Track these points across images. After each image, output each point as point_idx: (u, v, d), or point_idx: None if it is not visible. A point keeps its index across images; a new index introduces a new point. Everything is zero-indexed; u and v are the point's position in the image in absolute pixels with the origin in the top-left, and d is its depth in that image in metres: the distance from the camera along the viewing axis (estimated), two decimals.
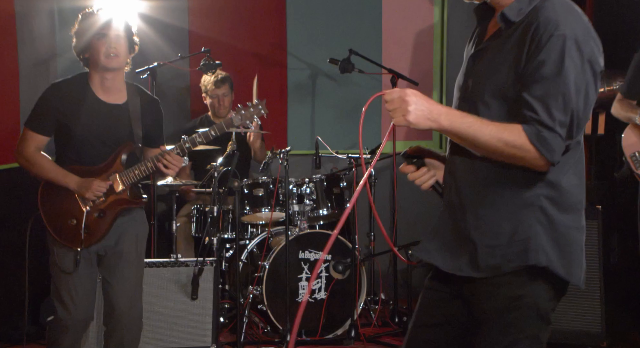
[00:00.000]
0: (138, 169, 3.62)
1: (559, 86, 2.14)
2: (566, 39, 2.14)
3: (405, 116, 2.20)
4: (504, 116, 2.25)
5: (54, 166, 3.60)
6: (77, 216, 3.58)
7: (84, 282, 3.63)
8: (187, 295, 4.48)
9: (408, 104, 2.19)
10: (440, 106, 2.23)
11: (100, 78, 3.63)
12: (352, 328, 5.00)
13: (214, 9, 6.20)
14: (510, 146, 2.15)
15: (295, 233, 5.07)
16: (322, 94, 6.35)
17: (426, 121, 2.21)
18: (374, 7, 6.30)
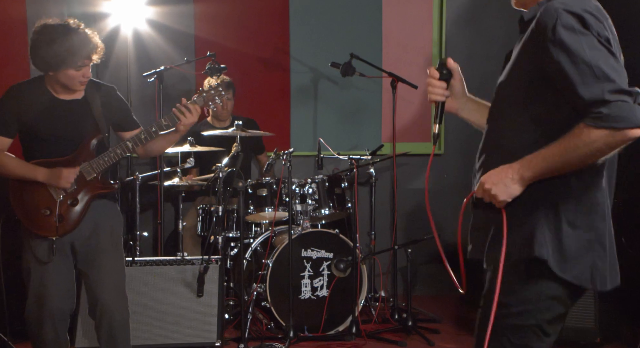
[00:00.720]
0: (107, 156, 3.61)
1: (585, 69, 2.10)
2: (570, 24, 2.14)
3: (497, 199, 2.24)
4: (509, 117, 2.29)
5: (20, 162, 3.57)
6: (50, 207, 3.56)
7: (59, 274, 3.61)
8: (193, 292, 4.48)
9: (490, 191, 2.24)
10: (511, 164, 2.22)
11: (59, 82, 3.59)
12: (353, 325, 5.02)
13: (220, 15, 6.20)
14: (589, 145, 2.10)
15: (298, 232, 5.08)
16: (324, 97, 6.36)
17: (514, 187, 2.22)
18: (375, 13, 6.30)
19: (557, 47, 2.14)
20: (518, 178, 2.20)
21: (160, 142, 3.77)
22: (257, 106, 6.20)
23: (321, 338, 5.00)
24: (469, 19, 6.28)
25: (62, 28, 3.50)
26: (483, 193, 2.26)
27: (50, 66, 3.50)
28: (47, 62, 3.48)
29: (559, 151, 2.14)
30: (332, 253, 5.14)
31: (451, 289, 2.73)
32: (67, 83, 3.57)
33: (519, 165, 2.21)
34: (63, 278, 3.65)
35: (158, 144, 3.79)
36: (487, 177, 2.25)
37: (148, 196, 6.09)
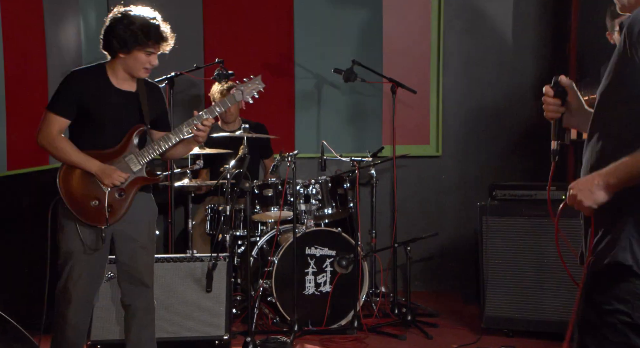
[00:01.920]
0: (152, 149, 3.65)
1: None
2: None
3: (583, 205, 2.21)
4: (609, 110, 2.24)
5: (75, 149, 3.57)
6: (99, 197, 3.56)
7: (95, 261, 3.64)
8: (202, 288, 4.48)
9: (576, 196, 2.21)
10: (597, 173, 2.19)
11: (119, 71, 3.63)
12: (355, 319, 5.02)
13: (227, 23, 6.20)
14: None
15: (302, 231, 5.08)
16: (327, 101, 6.35)
17: (599, 193, 2.18)
18: (375, 21, 6.30)
19: (635, 49, 2.12)
20: (603, 185, 2.17)
21: (181, 148, 3.84)
22: (264, 110, 6.19)
23: (324, 332, 5.00)
24: (466, 27, 6.28)
25: (141, 12, 3.58)
26: (569, 199, 2.24)
27: (124, 45, 3.52)
28: (122, 40, 3.51)
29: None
30: (334, 251, 5.14)
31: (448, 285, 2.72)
32: (133, 67, 3.59)
33: (605, 172, 2.17)
34: (97, 266, 3.68)
35: (179, 150, 3.85)
36: (575, 184, 2.23)
37: (159, 197, 6.10)
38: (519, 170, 6.25)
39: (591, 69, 5.31)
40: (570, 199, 2.26)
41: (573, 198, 2.23)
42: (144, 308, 3.78)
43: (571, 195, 2.24)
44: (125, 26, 3.52)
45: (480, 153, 6.28)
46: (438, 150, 6.37)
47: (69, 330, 3.66)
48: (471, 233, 5.69)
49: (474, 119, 6.27)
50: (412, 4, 6.34)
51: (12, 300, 4.10)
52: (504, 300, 4.85)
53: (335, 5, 6.30)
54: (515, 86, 6.22)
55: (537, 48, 6.28)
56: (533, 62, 6.28)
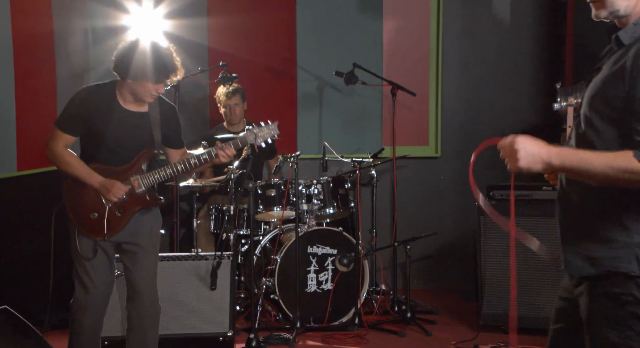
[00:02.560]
0: (157, 173, 3.66)
1: None
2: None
3: (516, 162, 2.16)
4: (608, 133, 2.19)
5: (80, 163, 3.59)
6: (98, 211, 3.59)
7: (103, 267, 3.66)
8: (207, 286, 4.49)
9: (517, 151, 2.15)
10: (550, 147, 2.15)
11: (127, 93, 3.62)
12: (356, 316, 5.03)
13: (231, 28, 6.21)
14: (625, 172, 2.08)
15: (304, 230, 5.08)
16: (328, 103, 6.36)
17: (537, 164, 2.15)
18: (376, 25, 6.30)
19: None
20: (546, 160, 2.14)
21: (194, 169, 3.84)
22: (267, 112, 6.20)
23: (326, 329, 5.01)
24: (464, 31, 6.28)
25: (155, 45, 3.56)
26: (509, 148, 2.18)
27: (132, 74, 3.52)
28: (131, 69, 3.50)
29: (599, 163, 2.10)
30: (336, 250, 5.15)
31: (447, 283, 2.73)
32: (140, 94, 3.58)
33: (557, 151, 2.14)
34: (106, 271, 3.71)
35: (191, 170, 3.84)
36: (527, 141, 2.16)
37: (165, 196, 6.11)
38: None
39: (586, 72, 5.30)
40: (508, 147, 2.20)
41: (511, 149, 2.18)
42: (141, 316, 3.77)
43: (513, 146, 2.18)
44: (138, 57, 3.50)
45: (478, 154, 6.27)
46: (437, 151, 6.38)
47: (85, 335, 3.71)
48: (469, 233, 5.70)
49: (472, 121, 6.27)
50: (412, 8, 6.34)
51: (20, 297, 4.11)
52: (501, 298, 4.86)
53: (337, 10, 6.31)
54: (513, 89, 6.22)
55: (534, 51, 6.28)
56: (530, 65, 6.28)
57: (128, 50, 3.54)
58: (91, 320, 3.70)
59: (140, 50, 3.52)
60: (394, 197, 5.88)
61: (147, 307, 3.77)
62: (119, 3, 5.83)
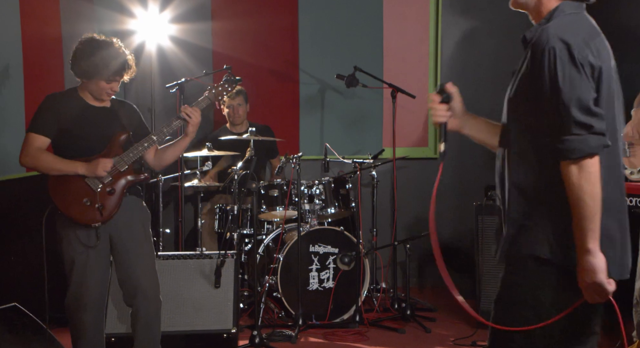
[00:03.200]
0: (136, 149, 3.67)
1: (559, 101, 2.11)
2: (554, 49, 2.11)
3: (604, 287, 2.12)
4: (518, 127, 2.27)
5: (58, 158, 3.59)
6: (90, 197, 3.59)
7: (98, 263, 3.66)
8: (211, 284, 4.49)
9: (599, 283, 2.11)
10: (579, 257, 2.11)
11: (88, 92, 3.67)
12: (357, 313, 5.05)
13: (235, 31, 6.23)
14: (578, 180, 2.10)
15: (306, 229, 5.09)
16: (330, 106, 6.38)
17: (595, 261, 2.09)
18: (376, 29, 6.32)
19: (540, 70, 2.14)
20: (589, 253, 2.10)
21: (172, 150, 3.84)
22: (270, 114, 6.23)
23: (327, 326, 5.02)
24: (463, 35, 6.29)
25: (104, 43, 3.60)
26: (591, 294, 2.14)
27: (85, 74, 3.58)
28: (84, 70, 3.57)
29: (575, 207, 2.11)
30: (337, 248, 5.15)
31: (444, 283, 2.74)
32: (96, 92, 3.64)
33: (581, 255, 2.11)
34: (102, 267, 3.70)
35: (170, 152, 3.84)
36: (579, 282, 2.14)
37: (170, 197, 6.14)
38: None
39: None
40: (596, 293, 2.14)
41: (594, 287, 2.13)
42: (146, 308, 3.77)
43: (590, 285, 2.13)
44: (87, 57, 3.54)
45: (476, 155, 6.27)
46: (436, 152, 6.38)
47: (89, 332, 3.70)
48: (467, 232, 5.71)
49: None
50: (411, 13, 6.36)
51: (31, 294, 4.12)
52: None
53: (338, 14, 6.32)
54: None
55: None
56: None
57: (79, 51, 3.58)
58: (91, 317, 3.68)
59: (93, 49, 3.55)
60: (393, 197, 5.89)
61: (150, 300, 3.77)
62: (125, 8, 5.86)
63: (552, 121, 2.14)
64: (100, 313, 3.78)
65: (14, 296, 3.92)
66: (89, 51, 3.56)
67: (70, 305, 3.68)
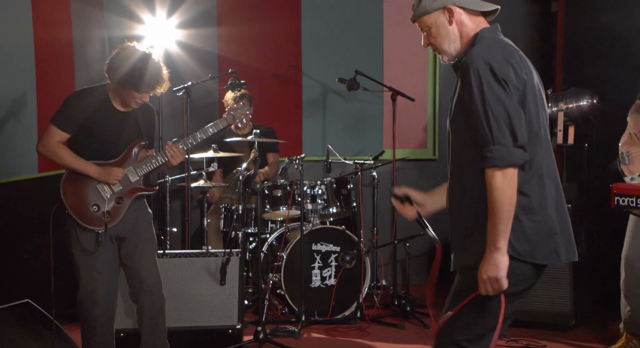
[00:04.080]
0: (149, 161, 3.68)
1: (482, 117, 2.29)
2: (478, 70, 2.29)
3: (501, 282, 2.32)
4: (463, 145, 2.42)
5: (74, 156, 3.60)
6: (98, 203, 3.60)
7: (107, 260, 3.68)
8: (217, 281, 4.49)
9: (497, 275, 2.31)
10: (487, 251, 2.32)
11: (115, 95, 3.66)
12: (358, 310, 5.05)
13: (240, 37, 6.24)
14: (500, 187, 2.28)
15: (309, 228, 5.11)
16: (332, 108, 6.38)
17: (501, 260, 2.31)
18: (377, 34, 6.32)
19: (468, 89, 2.32)
20: (499, 251, 2.30)
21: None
22: (273, 116, 6.24)
23: (329, 322, 5.03)
24: None
25: (143, 56, 3.56)
26: (487, 286, 2.34)
27: (120, 82, 3.55)
28: (119, 78, 3.53)
29: (492, 210, 2.29)
30: (339, 247, 5.17)
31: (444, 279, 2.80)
32: (125, 99, 3.62)
33: (490, 250, 2.31)
34: (110, 263, 3.72)
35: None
36: (480, 273, 2.34)
37: (177, 197, 6.16)
38: None
39: (575, 80, 5.34)
40: (488, 287, 2.35)
41: (489, 283, 2.35)
42: (151, 303, 3.80)
43: (485, 280, 2.34)
44: (125, 66, 3.52)
45: None
46: (435, 154, 6.39)
47: (101, 328, 3.72)
48: None
49: None
50: None
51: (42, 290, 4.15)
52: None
53: (340, 20, 6.32)
54: None
55: None
56: None
57: (121, 58, 3.56)
58: (103, 310, 3.70)
59: (132, 60, 3.53)
60: None
61: (154, 293, 3.80)
62: (134, 14, 5.88)
63: (481, 133, 2.29)
64: (111, 309, 3.79)
65: (26, 292, 3.96)
66: (128, 61, 3.53)
67: (82, 301, 3.69)
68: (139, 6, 5.89)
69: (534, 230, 2.37)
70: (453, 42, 2.51)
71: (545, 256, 2.40)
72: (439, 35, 2.53)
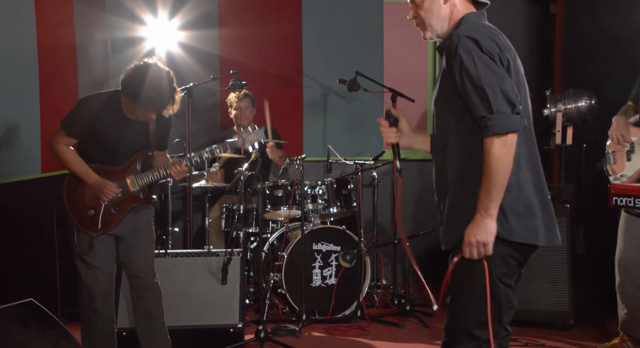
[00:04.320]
0: (151, 174, 3.69)
1: (477, 87, 2.33)
2: (467, 45, 2.35)
3: (488, 246, 2.39)
4: (454, 122, 2.46)
5: (78, 161, 3.63)
6: (95, 208, 3.64)
7: (106, 257, 3.72)
8: (218, 281, 4.50)
9: (484, 242, 2.37)
10: (477, 215, 2.37)
11: (129, 107, 3.62)
12: (358, 309, 5.05)
13: (241, 38, 6.24)
14: (499, 154, 2.32)
15: (309, 228, 5.11)
16: (332, 109, 6.39)
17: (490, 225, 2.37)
18: (377, 36, 6.33)
19: (458, 66, 2.35)
20: (490, 217, 2.35)
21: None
22: (274, 117, 6.24)
23: (330, 321, 5.04)
24: None
25: (161, 78, 3.50)
26: (473, 249, 2.39)
27: (132, 96, 3.50)
28: (133, 92, 3.49)
29: (488, 177, 2.33)
30: (339, 246, 5.17)
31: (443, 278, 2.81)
32: (138, 113, 3.59)
33: (482, 211, 2.36)
34: (108, 261, 3.75)
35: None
36: (474, 231, 2.38)
37: (178, 196, 6.17)
38: None
39: (574, 81, 5.34)
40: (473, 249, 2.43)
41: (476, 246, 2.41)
42: (147, 297, 3.83)
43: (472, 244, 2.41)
44: (140, 83, 3.46)
45: None
46: None
47: (99, 323, 3.75)
48: None
49: None
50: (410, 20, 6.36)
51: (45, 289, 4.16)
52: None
53: (340, 21, 6.33)
54: None
55: (524, 60, 6.20)
56: None
57: (137, 74, 3.49)
58: (101, 307, 3.73)
59: (147, 78, 3.46)
60: (393, 197, 5.90)
61: (148, 289, 3.81)
62: (136, 15, 5.89)
63: (478, 105, 2.33)
64: (110, 306, 3.82)
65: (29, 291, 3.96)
66: (143, 79, 3.47)
67: (81, 297, 3.74)
68: (141, 8, 5.90)
69: (510, 207, 2.41)
70: (441, 20, 2.56)
71: (523, 235, 2.44)
72: (430, 9, 2.57)
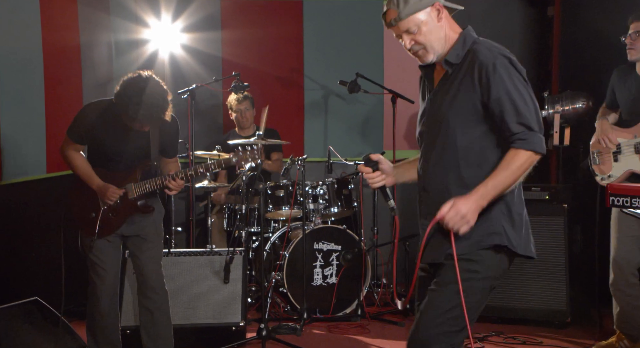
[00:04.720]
0: (150, 183, 3.69)
1: (518, 104, 2.36)
2: (505, 67, 2.37)
3: (469, 224, 2.37)
4: (463, 131, 2.44)
5: (85, 166, 3.70)
6: (96, 211, 3.69)
7: (111, 256, 3.76)
8: (220, 279, 4.51)
9: (466, 215, 2.35)
10: (474, 195, 2.37)
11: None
12: (359, 307, 5.06)
13: (243, 40, 6.25)
14: (523, 166, 2.35)
15: (310, 228, 5.11)
16: (333, 110, 6.39)
17: (477, 213, 2.37)
18: (377, 38, 6.33)
19: (497, 82, 2.35)
20: (480, 204, 2.37)
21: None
22: (276, 118, 6.24)
23: (331, 319, 5.04)
24: None
25: (152, 93, 3.45)
26: (459, 218, 2.36)
27: (123, 109, 3.47)
28: (122, 107, 3.46)
29: (505, 177, 2.35)
30: (340, 246, 5.17)
31: None
32: (130, 123, 3.55)
33: (478, 195, 2.36)
34: (113, 260, 3.80)
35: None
36: (464, 203, 2.36)
37: (181, 197, 6.18)
38: None
39: (571, 82, 5.35)
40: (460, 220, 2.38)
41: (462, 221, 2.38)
42: (151, 298, 3.85)
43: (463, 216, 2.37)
44: (133, 98, 3.41)
45: None
46: None
47: (102, 320, 3.79)
48: None
49: None
50: None
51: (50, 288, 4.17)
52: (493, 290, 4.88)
53: (341, 23, 6.33)
54: None
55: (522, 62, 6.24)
56: None
57: (127, 90, 3.44)
58: (105, 304, 3.77)
59: (136, 94, 3.41)
60: (394, 197, 5.91)
61: (153, 290, 3.83)
62: (140, 18, 5.91)
63: (512, 119, 2.35)
64: (115, 304, 3.85)
65: (35, 290, 3.98)
66: (132, 95, 3.42)
67: (88, 294, 3.78)
68: (144, 10, 5.92)
69: (518, 224, 2.48)
70: (441, 40, 2.51)
71: (526, 248, 2.51)
72: (431, 33, 2.50)
